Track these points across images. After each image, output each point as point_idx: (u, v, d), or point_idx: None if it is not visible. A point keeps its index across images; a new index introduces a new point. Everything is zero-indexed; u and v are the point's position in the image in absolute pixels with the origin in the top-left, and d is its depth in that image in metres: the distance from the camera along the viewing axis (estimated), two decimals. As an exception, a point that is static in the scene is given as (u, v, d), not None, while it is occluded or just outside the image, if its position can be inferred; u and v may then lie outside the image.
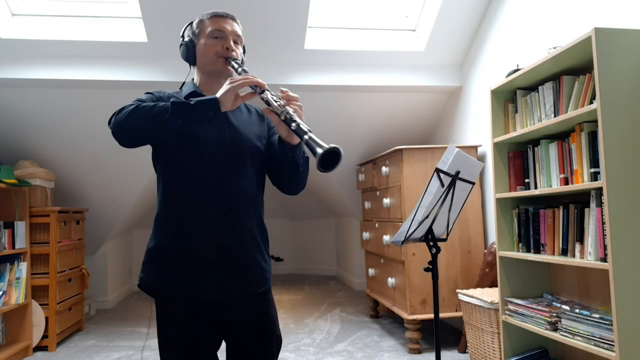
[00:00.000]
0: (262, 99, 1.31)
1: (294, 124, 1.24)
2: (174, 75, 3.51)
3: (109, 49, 3.39)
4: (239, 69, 1.41)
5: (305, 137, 1.20)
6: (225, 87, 1.29)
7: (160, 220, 1.41)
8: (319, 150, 1.14)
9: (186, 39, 1.50)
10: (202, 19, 1.49)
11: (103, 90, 3.56)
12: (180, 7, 3.17)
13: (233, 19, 1.51)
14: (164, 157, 1.43)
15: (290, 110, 1.26)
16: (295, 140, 1.35)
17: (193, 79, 1.54)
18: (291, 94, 1.33)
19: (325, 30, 3.63)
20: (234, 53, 1.46)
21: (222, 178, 1.39)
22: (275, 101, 1.29)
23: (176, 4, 3.15)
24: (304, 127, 1.22)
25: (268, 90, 1.32)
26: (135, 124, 1.28)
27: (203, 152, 1.38)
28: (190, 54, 1.49)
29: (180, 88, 1.54)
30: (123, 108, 1.31)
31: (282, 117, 1.27)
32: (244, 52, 1.56)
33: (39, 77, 3.36)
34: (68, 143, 3.88)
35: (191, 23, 1.53)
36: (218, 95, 1.28)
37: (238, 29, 1.51)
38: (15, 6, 3.33)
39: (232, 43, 1.46)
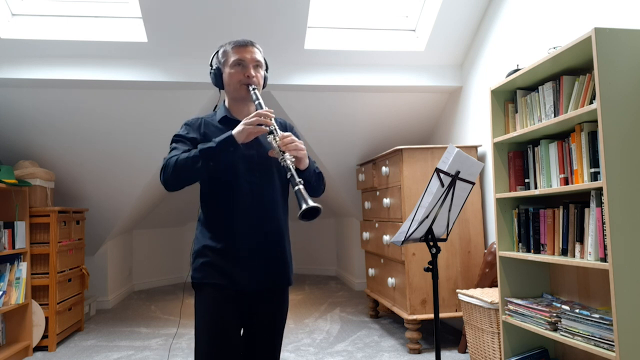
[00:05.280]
0: (269, 140, 1.52)
1: (289, 174, 1.45)
2: (173, 75, 3.51)
3: (109, 49, 3.40)
4: (257, 102, 1.60)
5: (296, 188, 1.41)
6: (240, 126, 1.50)
7: (205, 226, 1.62)
8: (303, 205, 1.35)
9: (214, 67, 1.71)
10: (226, 50, 1.67)
11: (103, 90, 3.56)
12: (180, 7, 3.17)
13: (253, 45, 1.67)
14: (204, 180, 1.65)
15: (288, 159, 1.46)
16: (302, 166, 1.54)
17: (224, 102, 1.74)
18: (288, 138, 1.50)
19: (325, 30, 3.63)
20: (254, 79, 1.64)
21: (251, 190, 1.59)
22: (278, 144, 1.49)
23: (176, 4, 3.15)
24: (295, 179, 1.42)
25: (274, 131, 1.51)
26: (180, 179, 1.53)
27: (235, 169, 1.58)
28: (218, 80, 1.70)
29: (214, 110, 1.74)
30: (166, 165, 1.53)
31: (282, 164, 1.48)
32: (266, 69, 1.73)
33: (39, 77, 3.37)
34: (68, 143, 3.88)
35: (217, 52, 1.71)
36: (234, 132, 1.50)
37: (258, 54, 1.68)
38: (15, 6, 3.33)
39: (252, 70, 1.64)
